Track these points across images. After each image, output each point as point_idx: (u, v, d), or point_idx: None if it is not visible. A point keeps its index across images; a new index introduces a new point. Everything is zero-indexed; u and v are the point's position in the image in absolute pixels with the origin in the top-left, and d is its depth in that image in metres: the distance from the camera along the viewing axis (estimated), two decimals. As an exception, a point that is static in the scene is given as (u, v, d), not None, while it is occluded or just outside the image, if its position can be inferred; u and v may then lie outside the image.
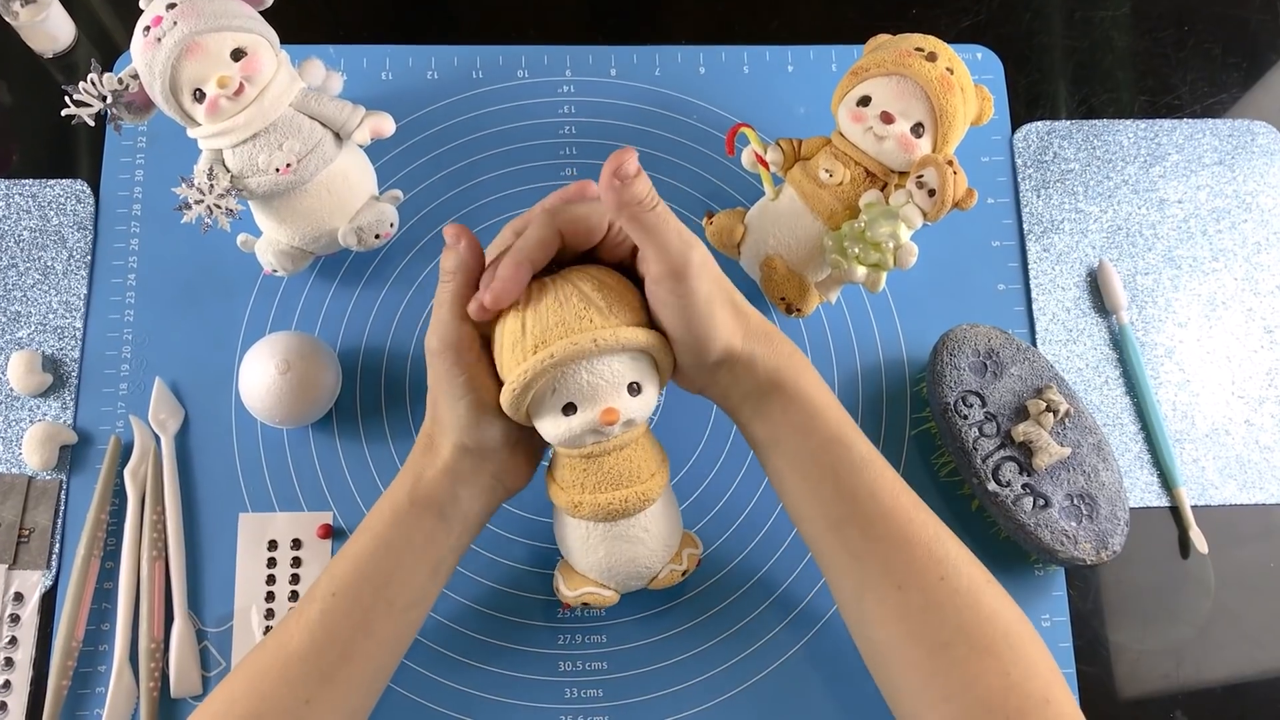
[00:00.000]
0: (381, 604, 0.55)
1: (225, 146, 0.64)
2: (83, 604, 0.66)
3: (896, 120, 0.64)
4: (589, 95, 0.79)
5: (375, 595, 0.55)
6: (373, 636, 0.55)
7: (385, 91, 0.78)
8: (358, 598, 0.54)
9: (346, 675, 0.54)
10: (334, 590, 0.54)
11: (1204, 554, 0.70)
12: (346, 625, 0.54)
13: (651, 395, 0.54)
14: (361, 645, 0.54)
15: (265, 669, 0.54)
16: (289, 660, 0.53)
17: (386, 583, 0.55)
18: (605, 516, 0.56)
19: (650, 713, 0.66)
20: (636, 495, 0.56)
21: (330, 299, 0.74)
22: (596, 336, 0.50)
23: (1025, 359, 0.69)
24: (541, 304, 0.51)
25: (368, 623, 0.54)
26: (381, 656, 0.56)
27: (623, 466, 0.55)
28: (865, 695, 0.66)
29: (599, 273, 0.53)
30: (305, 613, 0.54)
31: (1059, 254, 0.76)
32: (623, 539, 0.58)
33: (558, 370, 0.51)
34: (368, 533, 0.56)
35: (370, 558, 0.55)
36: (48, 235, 0.74)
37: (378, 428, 0.71)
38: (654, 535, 0.59)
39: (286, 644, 0.54)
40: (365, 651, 0.55)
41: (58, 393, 0.71)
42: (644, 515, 0.58)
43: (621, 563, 0.59)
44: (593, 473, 0.55)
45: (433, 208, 0.76)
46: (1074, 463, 0.66)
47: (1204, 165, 0.79)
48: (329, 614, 0.54)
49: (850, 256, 0.65)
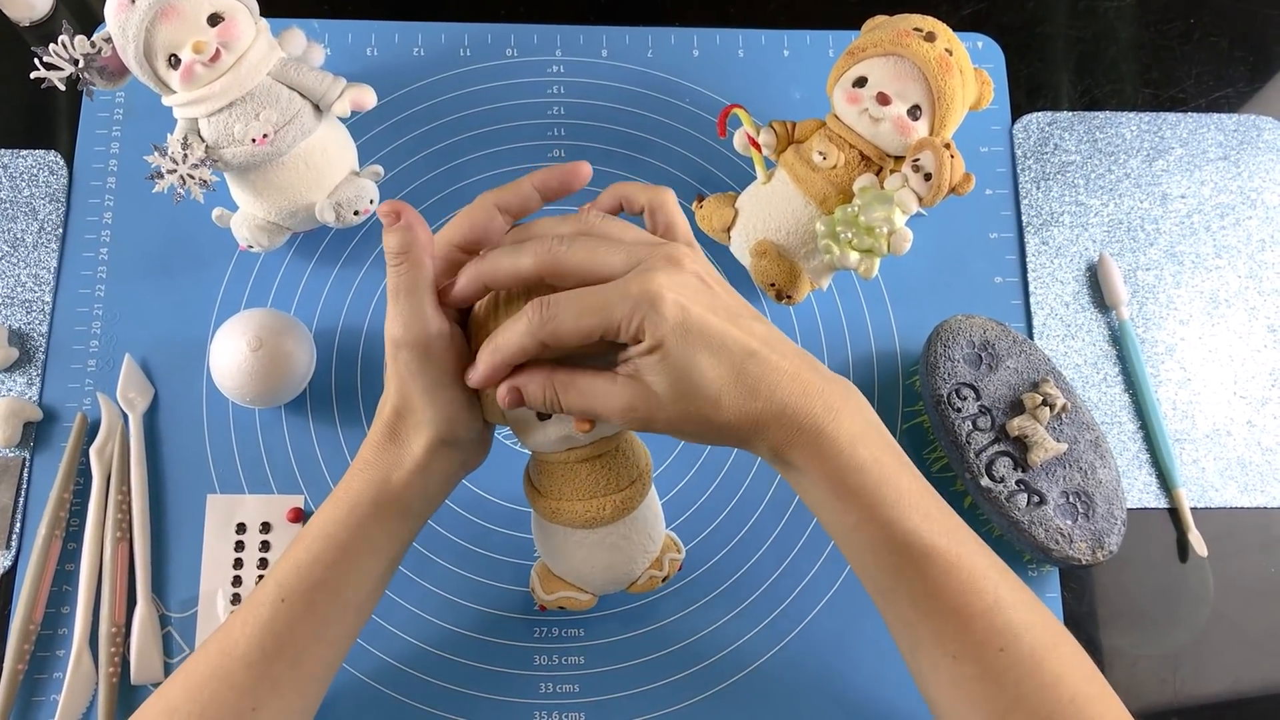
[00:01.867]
0: (335, 608, 0.51)
1: (200, 115, 0.62)
2: (42, 586, 0.64)
3: (893, 102, 0.62)
4: (579, 76, 0.77)
5: (329, 600, 0.51)
6: (323, 640, 0.51)
7: (370, 68, 0.76)
8: (310, 604, 0.50)
9: (295, 680, 0.51)
10: (283, 596, 0.50)
11: (1203, 557, 0.68)
12: (298, 632, 0.50)
13: None
14: (312, 650, 0.51)
15: (208, 676, 0.50)
16: (234, 667, 0.49)
17: (341, 587, 0.51)
18: (583, 524, 0.54)
19: (627, 709, 0.64)
20: (614, 504, 0.54)
21: (307, 278, 0.72)
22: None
23: (1021, 351, 0.67)
24: (514, 306, 0.48)
25: (319, 628, 0.51)
26: (331, 656, 0.53)
27: (601, 474, 0.53)
28: (846, 697, 0.65)
29: None
30: (252, 618, 0.50)
31: (1058, 247, 0.74)
32: (601, 546, 0.56)
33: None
34: (322, 536, 0.51)
35: (325, 563, 0.50)
36: (18, 206, 0.72)
37: (353, 411, 0.69)
38: (633, 542, 0.57)
39: (231, 650, 0.50)
40: (315, 656, 0.51)
41: (23, 368, 0.69)
42: (623, 522, 0.56)
43: (599, 569, 0.57)
44: (570, 480, 0.53)
45: (415, 187, 0.74)
46: (1070, 459, 0.64)
47: (1208, 160, 0.77)
48: (278, 620, 0.50)
49: (843, 242, 0.63)
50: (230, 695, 0.49)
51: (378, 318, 0.71)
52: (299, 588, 0.50)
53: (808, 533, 0.68)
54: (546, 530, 0.57)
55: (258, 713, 0.49)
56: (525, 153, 0.75)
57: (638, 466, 0.55)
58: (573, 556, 0.57)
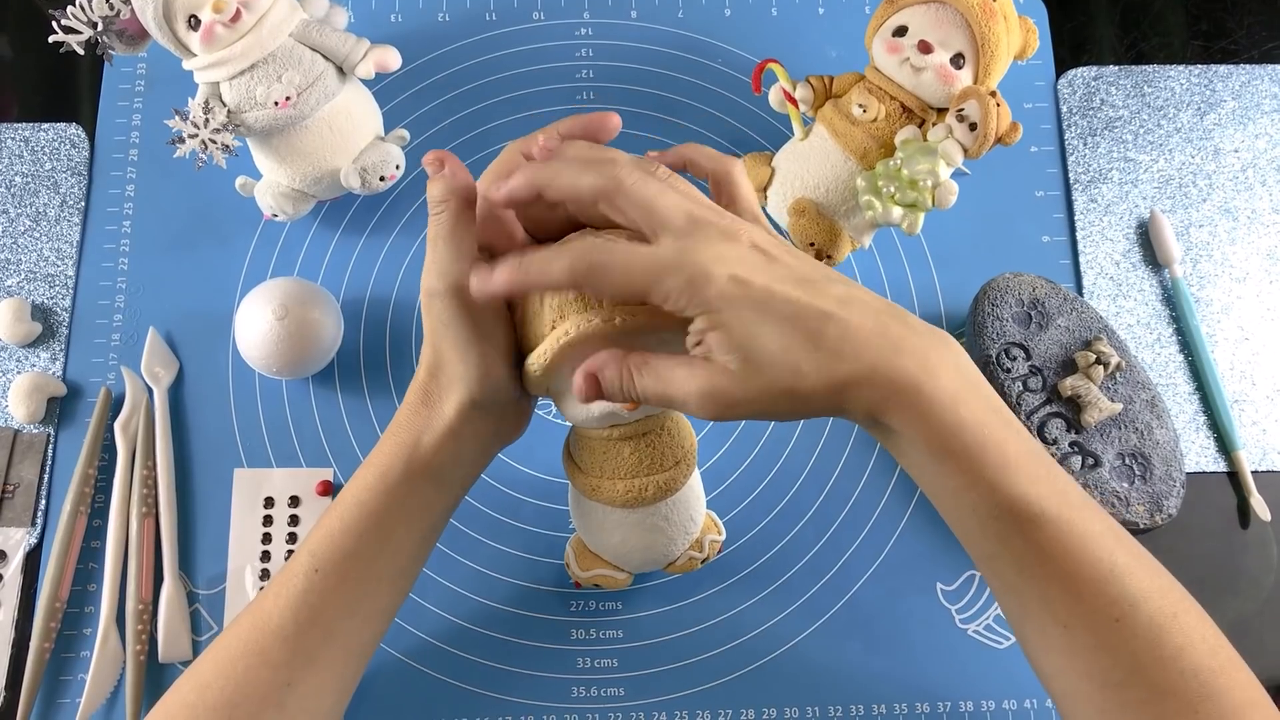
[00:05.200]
0: (370, 580, 0.49)
1: (222, 79, 0.61)
2: (68, 563, 0.63)
3: (935, 50, 0.60)
4: (608, 38, 0.75)
5: (363, 571, 0.49)
6: (359, 614, 0.50)
7: (394, 34, 0.74)
8: (344, 575, 0.48)
9: (331, 655, 0.49)
10: (317, 566, 0.48)
11: (1266, 522, 0.65)
12: (332, 604, 0.48)
13: None
14: (347, 624, 0.49)
15: (241, 651, 0.48)
16: (268, 641, 0.48)
17: (375, 557, 0.49)
18: (623, 504, 0.52)
19: (667, 684, 0.62)
20: (657, 484, 0.52)
21: (334, 247, 0.70)
22: (617, 315, 0.45)
23: (1073, 309, 0.64)
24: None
25: (355, 600, 0.49)
26: (367, 632, 0.51)
27: (644, 453, 0.51)
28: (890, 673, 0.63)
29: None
30: (285, 590, 0.49)
31: (1107, 204, 0.72)
32: (640, 526, 0.54)
33: (574, 349, 0.46)
34: (355, 504, 0.49)
35: (358, 532, 0.49)
36: (40, 180, 0.71)
37: (382, 382, 0.67)
38: (674, 524, 0.55)
39: (265, 624, 0.48)
40: (351, 630, 0.50)
41: (47, 343, 0.68)
42: (664, 503, 0.54)
43: (637, 549, 0.55)
44: (612, 457, 0.51)
45: (442, 154, 0.72)
46: (1125, 420, 0.62)
47: (1263, 113, 0.74)
48: (312, 592, 0.48)
49: (885, 197, 0.61)
50: (265, 670, 0.47)
51: (406, 287, 0.69)
52: (332, 557, 0.48)
53: (849, 505, 0.66)
54: (584, 507, 0.55)
55: (293, 688, 0.48)
56: (554, 117, 0.72)
57: (683, 447, 0.53)
58: (610, 536, 0.55)
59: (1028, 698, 0.62)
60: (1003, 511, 0.43)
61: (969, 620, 0.64)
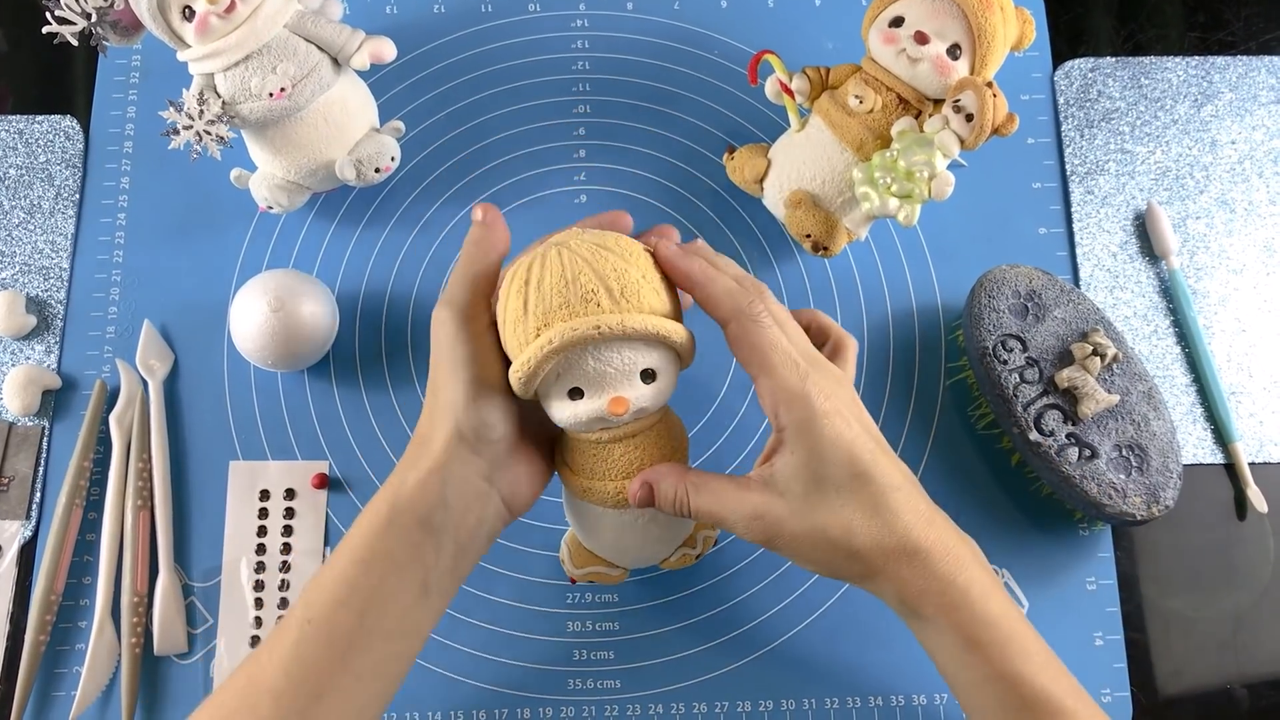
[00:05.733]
0: (361, 633, 0.47)
1: (216, 70, 0.61)
2: (63, 556, 0.63)
3: (932, 41, 0.60)
4: (604, 30, 0.74)
5: (355, 622, 0.47)
6: (350, 670, 0.47)
7: (389, 25, 0.74)
8: (334, 625, 0.47)
9: (321, 715, 0.46)
10: (309, 616, 0.47)
11: (1263, 514, 0.65)
12: (324, 658, 0.46)
13: (668, 383, 0.49)
14: (338, 681, 0.46)
15: (234, 708, 0.47)
16: (259, 699, 0.46)
17: (366, 608, 0.47)
18: (615, 505, 0.51)
19: (663, 676, 0.62)
20: None
21: (329, 240, 0.70)
22: (601, 323, 0.45)
23: (1069, 301, 0.64)
24: (546, 280, 0.46)
25: (347, 654, 0.47)
26: (362, 695, 0.48)
27: (634, 454, 0.50)
28: (884, 665, 0.63)
29: (620, 245, 0.48)
30: (279, 643, 0.47)
31: (1104, 196, 0.71)
32: (633, 526, 0.54)
33: (561, 355, 0.46)
34: (345, 553, 0.48)
35: (348, 579, 0.47)
36: (34, 173, 0.71)
37: (377, 374, 0.67)
38: (665, 523, 0.54)
39: (258, 679, 0.47)
40: (343, 688, 0.47)
41: (41, 335, 0.68)
42: None
43: (631, 548, 0.55)
44: (601, 459, 0.51)
45: (437, 146, 0.71)
46: (1122, 411, 0.62)
47: (1260, 105, 0.74)
48: (304, 643, 0.46)
49: (882, 188, 0.61)
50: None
51: (402, 279, 0.69)
52: (323, 607, 0.47)
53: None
54: (577, 507, 0.55)
55: None
56: (550, 109, 0.72)
57: (674, 446, 0.52)
58: (604, 535, 0.55)
59: (1024, 689, 0.62)
60: (1026, 703, 0.46)
61: (965, 612, 0.63)
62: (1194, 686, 0.63)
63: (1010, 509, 0.65)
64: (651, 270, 0.48)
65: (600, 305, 0.46)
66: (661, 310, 0.48)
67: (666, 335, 0.47)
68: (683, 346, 0.48)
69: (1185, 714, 0.63)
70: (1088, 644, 0.63)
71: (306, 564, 0.64)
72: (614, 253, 0.47)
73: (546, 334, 0.46)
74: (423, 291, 0.69)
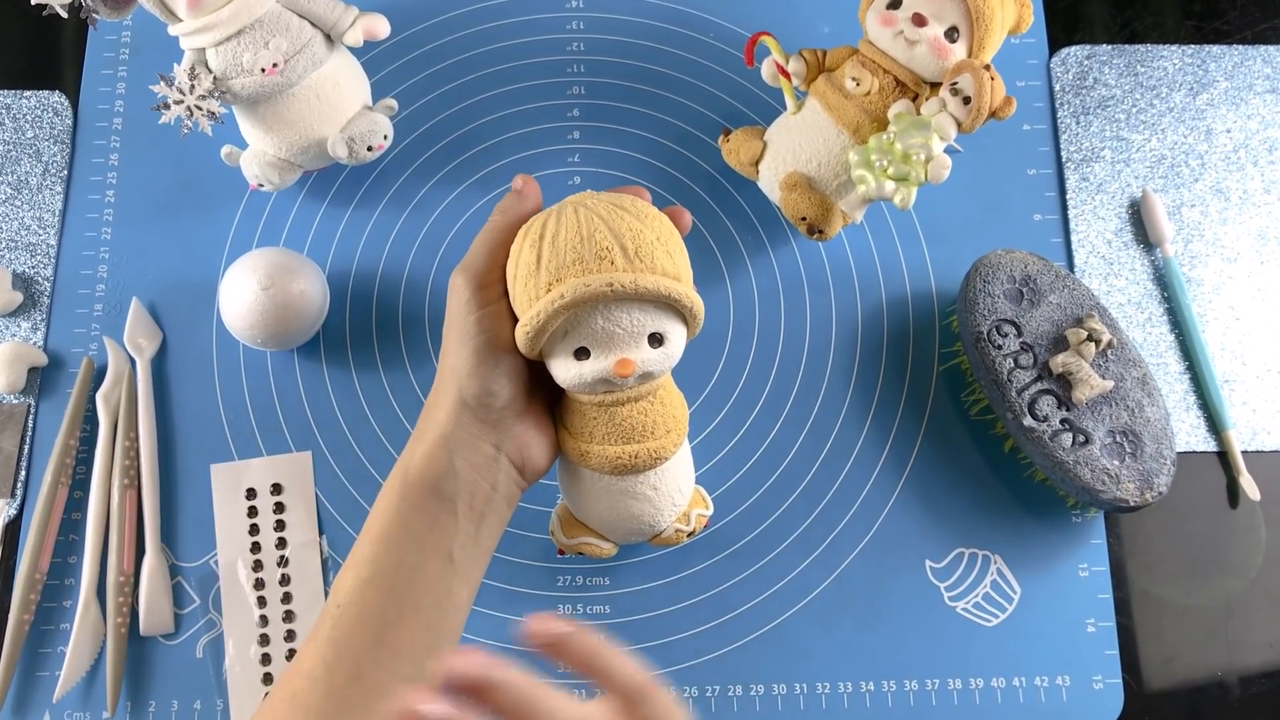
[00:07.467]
0: (392, 608, 0.47)
1: (208, 45, 0.60)
2: (48, 534, 0.62)
3: (929, 23, 0.59)
4: (599, 11, 0.74)
5: (384, 599, 0.47)
6: (386, 646, 0.47)
7: (383, 2, 0.72)
8: (364, 604, 0.47)
9: (362, 696, 0.46)
10: (339, 602, 0.47)
11: (1255, 502, 0.65)
12: (357, 638, 0.47)
13: (676, 347, 0.49)
14: (377, 656, 0.47)
15: (276, 700, 0.47)
16: (300, 685, 0.46)
17: (392, 584, 0.48)
18: (612, 470, 0.51)
19: (654, 660, 0.62)
20: (648, 451, 0.51)
21: (320, 219, 0.69)
22: (614, 280, 0.45)
23: (1064, 286, 0.64)
24: (561, 235, 0.46)
25: (380, 632, 0.47)
26: (402, 671, 0.47)
27: (636, 419, 0.50)
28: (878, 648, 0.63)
29: (637, 207, 0.48)
30: (315, 632, 0.48)
31: (1099, 183, 0.71)
32: (628, 494, 0.53)
33: (571, 311, 0.46)
34: (365, 534, 0.49)
35: (370, 559, 0.48)
36: (22, 149, 0.70)
37: (367, 354, 0.67)
38: (662, 494, 0.54)
39: (298, 668, 0.47)
40: (381, 665, 0.47)
41: (28, 312, 0.67)
42: (653, 473, 0.53)
43: (624, 518, 0.55)
44: (603, 422, 0.50)
45: (430, 126, 0.71)
46: (1116, 397, 0.61)
47: (1255, 94, 0.73)
48: (338, 628, 0.47)
49: (878, 171, 0.60)
50: (299, 716, 0.46)
51: (393, 258, 0.68)
52: (353, 589, 0.48)
53: (838, 482, 0.65)
54: (572, 473, 0.55)
55: None
56: (543, 90, 0.72)
57: (675, 415, 0.52)
58: (598, 503, 0.55)
59: (1016, 676, 0.62)
60: None
61: (958, 598, 0.63)
62: (1185, 673, 0.63)
63: (1003, 495, 0.65)
64: (667, 234, 0.48)
65: (614, 263, 0.46)
66: (674, 275, 0.48)
67: (679, 299, 0.47)
68: (692, 313, 0.48)
69: (1176, 700, 0.63)
70: (1079, 630, 0.63)
71: (305, 555, 0.63)
72: (630, 213, 0.47)
73: (559, 288, 0.46)
74: (414, 272, 0.68)
